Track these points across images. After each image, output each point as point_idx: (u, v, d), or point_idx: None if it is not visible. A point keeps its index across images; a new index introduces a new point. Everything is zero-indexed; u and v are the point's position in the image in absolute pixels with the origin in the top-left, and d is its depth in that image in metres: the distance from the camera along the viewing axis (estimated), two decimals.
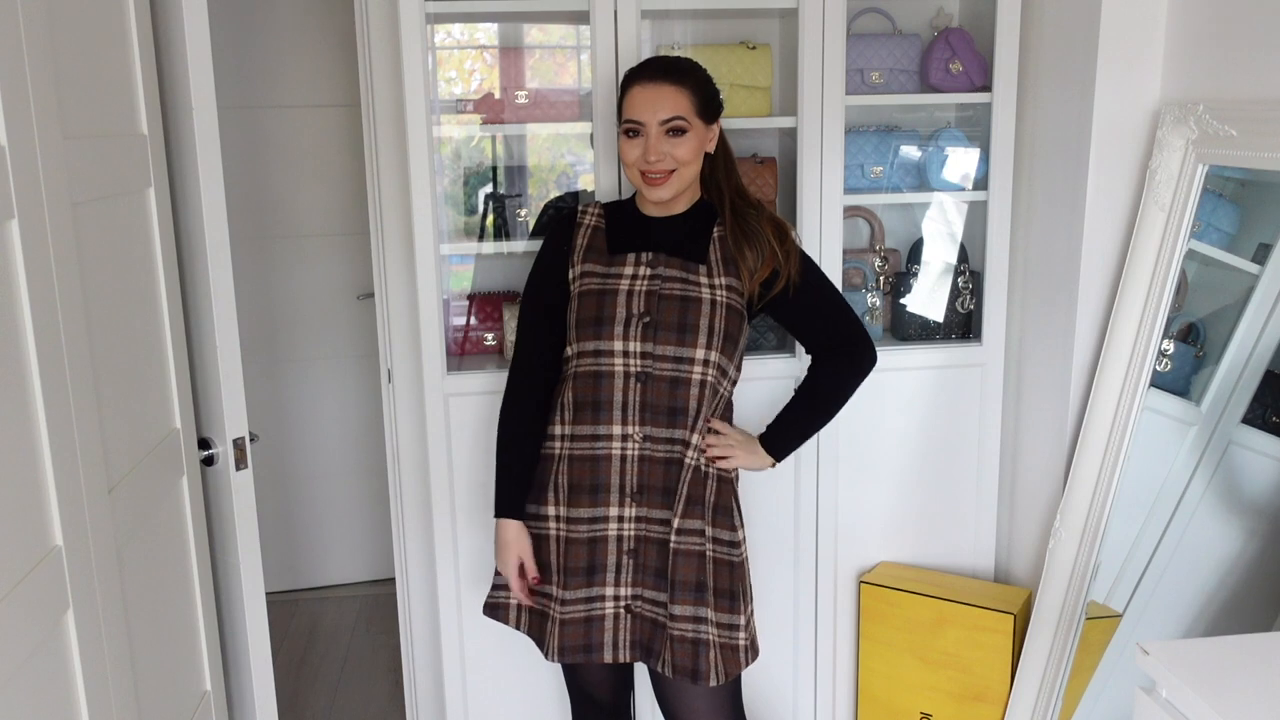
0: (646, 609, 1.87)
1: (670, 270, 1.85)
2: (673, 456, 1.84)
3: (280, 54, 3.42)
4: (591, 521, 1.85)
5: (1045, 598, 2.14)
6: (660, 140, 1.79)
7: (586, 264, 1.88)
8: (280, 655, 3.25)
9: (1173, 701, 1.20)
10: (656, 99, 1.79)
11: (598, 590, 1.86)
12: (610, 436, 1.84)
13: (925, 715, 2.36)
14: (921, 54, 2.35)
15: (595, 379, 1.83)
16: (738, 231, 1.86)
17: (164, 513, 1.69)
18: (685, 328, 1.81)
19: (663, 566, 1.84)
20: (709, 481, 1.85)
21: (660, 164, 1.80)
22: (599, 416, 1.83)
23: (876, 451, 2.42)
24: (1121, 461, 2.02)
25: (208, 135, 1.75)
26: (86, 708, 1.32)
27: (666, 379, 1.82)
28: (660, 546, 1.85)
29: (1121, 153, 2.07)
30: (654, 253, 1.86)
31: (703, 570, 1.84)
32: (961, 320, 2.44)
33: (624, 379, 1.82)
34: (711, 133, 1.87)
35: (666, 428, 1.83)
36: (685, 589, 1.83)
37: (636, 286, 1.84)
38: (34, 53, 1.26)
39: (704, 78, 1.86)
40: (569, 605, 1.86)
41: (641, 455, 1.84)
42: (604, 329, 1.83)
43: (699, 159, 1.85)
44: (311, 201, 3.55)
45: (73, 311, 1.34)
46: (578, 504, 1.85)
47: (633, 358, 1.82)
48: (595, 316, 1.83)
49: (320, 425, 3.68)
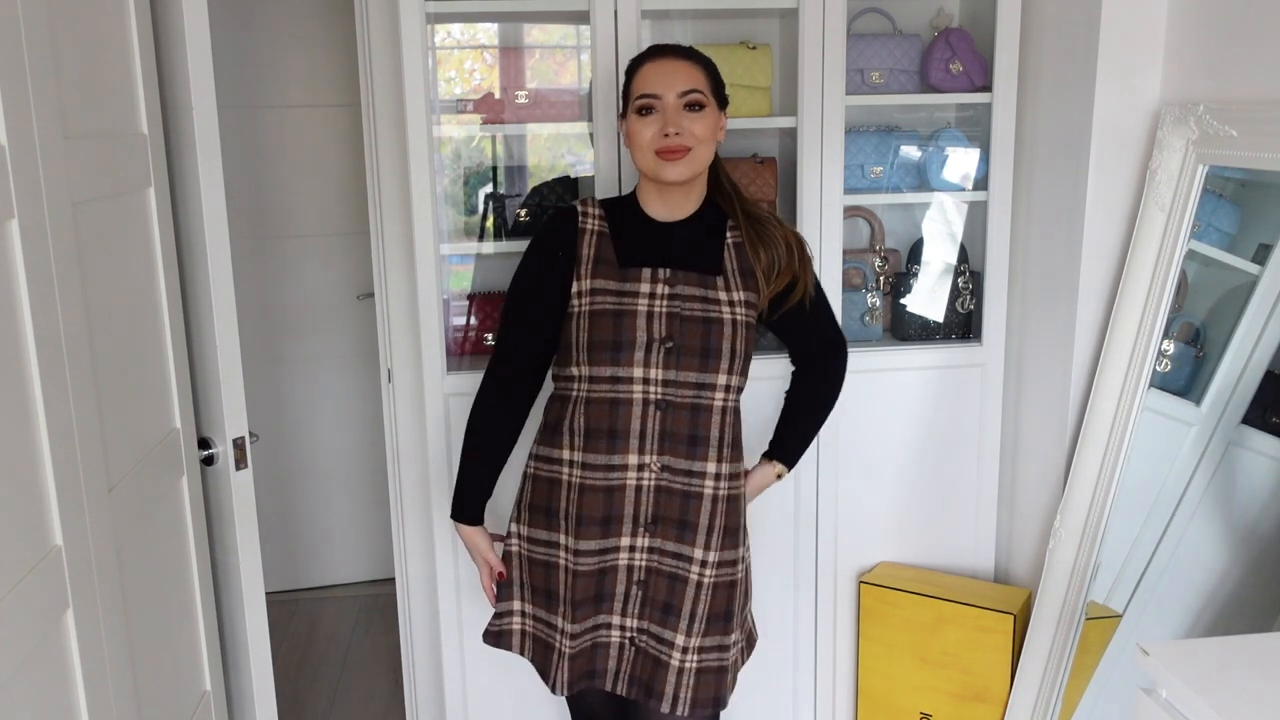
0: (651, 645, 1.79)
1: (689, 288, 1.75)
2: (690, 489, 1.75)
3: (280, 54, 3.42)
4: (602, 553, 1.77)
5: (1045, 598, 2.14)
6: (678, 114, 1.70)
7: (597, 279, 1.76)
8: (280, 655, 3.25)
9: (1173, 702, 1.20)
10: (673, 72, 1.71)
11: (604, 618, 1.80)
12: (626, 467, 1.74)
13: (925, 715, 2.35)
14: (921, 54, 2.35)
15: (612, 406, 1.73)
16: (755, 239, 1.79)
17: (164, 513, 1.69)
18: (709, 352, 1.73)
19: (671, 601, 1.77)
20: (738, 504, 1.81)
21: (679, 138, 1.69)
22: (614, 445, 1.73)
23: (876, 452, 2.42)
24: (1121, 462, 2.02)
25: (208, 135, 1.75)
26: (86, 708, 1.32)
27: (687, 406, 1.73)
28: (670, 580, 1.77)
29: (1121, 153, 2.07)
30: (671, 269, 1.76)
31: (731, 599, 1.79)
32: (961, 320, 2.44)
33: (643, 407, 1.73)
34: (722, 120, 1.79)
35: (686, 458, 1.74)
36: (718, 619, 1.78)
37: (656, 308, 1.73)
38: (34, 53, 1.26)
39: (711, 62, 1.79)
40: (576, 639, 1.79)
41: (658, 486, 1.75)
42: (622, 354, 1.71)
43: (714, 143, 1.76)
44: (311, 201, 3.55)
45: (73, 311, 1.34)
46: (587, 536, 1.75)
47: (654, 385, 1.72)
48: (613, 341, 1.72)
49: (320, 425, 3.68)
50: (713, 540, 1.76)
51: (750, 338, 1.78)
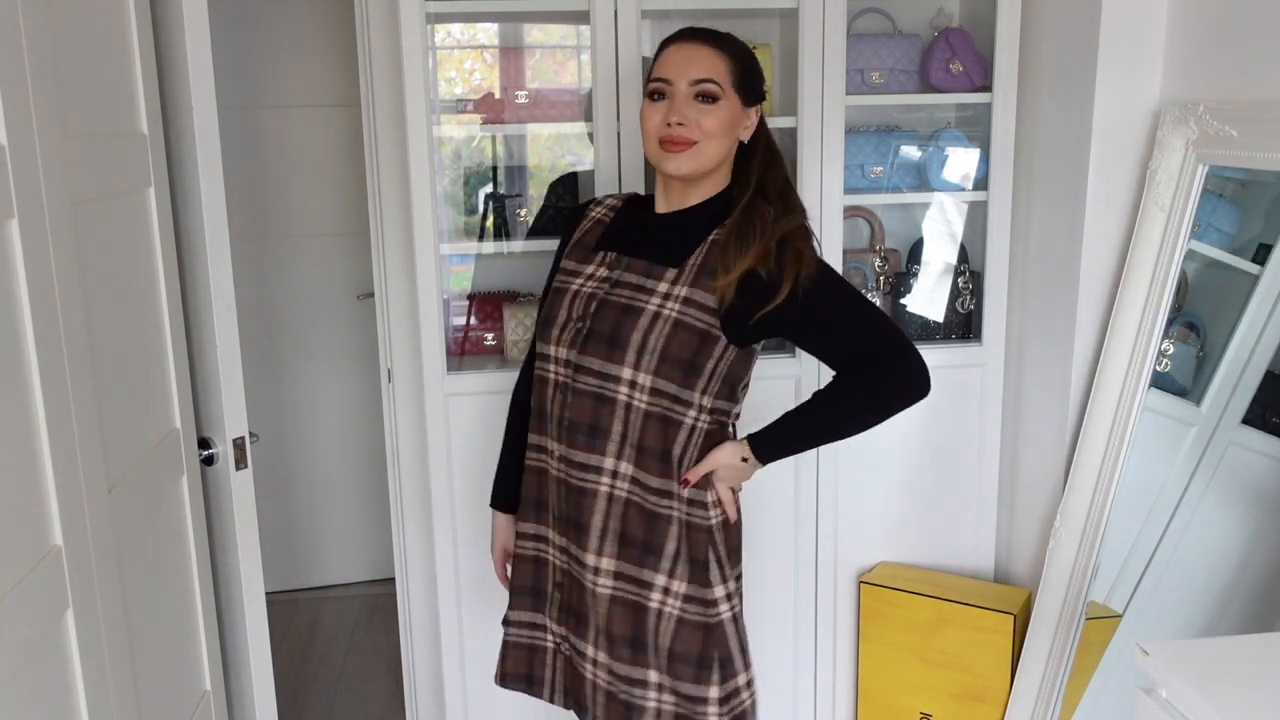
0: (574, 654, 1.71)
1: (629, 275, 1.62)
2: (585, 485, 1.62)
3: (280, 54, 3.42)
4: (538, 540, 1.74)
5: (1045, 598, 2.14)
6: (687, 104, 1.56)
7: (568, 260, 1.72)
8: (280, 655, 3.25)
9: (1173, 702, 1.20)
10: (691, 57, 1.58)
11: (540, 618, 1.75)
12: (545, 450, 1.69)
13: (925, 715, 2.35)
14: (921, 54, 2.35)
15: (541, 385, 1.68)
16: (733, 228, 1.58)
17: (164, 513, 1.69)
18: (616, 341, 1.58)
19: (581, 609, 1.67)
20: (672, 527, 1.60)
21: (683, 130, 1.56)
22: (542, 427, 1.69)
23: (876, 451, 2.41)
24: (1121, 461, 2.02)
25: (208, 135, 1.75)
26: (86, 708, 1.32)
27: (590, 394, 1.60)
28: (578, 586, 1.67)
29: (1121, 153, 2.07)
30: (619, 254, 1.65)
31: (641, 624, 1.62)
32: (961, 320, 2.44)
33: (553, 388, 1.65)
34: (749, 117, 1.63)
35: (584, 450, 1.61)
36: (618, 642, 1.63)
37: (584, 288, 1.65)
38: (34, 53, 1.26)
39: (747, 52, 1.64)
40: (513, 627, 1.77)
41: (558, 478, 1.66)
42: (547, 331, 1.66)
43: (726, 140, 1.60)
44: (311, 201, 3.54)
45: (73, 311, 1.34)
46: (525, 518, 1.74)
47: (561, 365, 1.64)
48: (546, 317, 1.68)
49: (320, 425, 3.68)
50: (605, 546, 1.62)
51: (683, 339, 1.56)
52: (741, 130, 1.63)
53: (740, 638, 1.68)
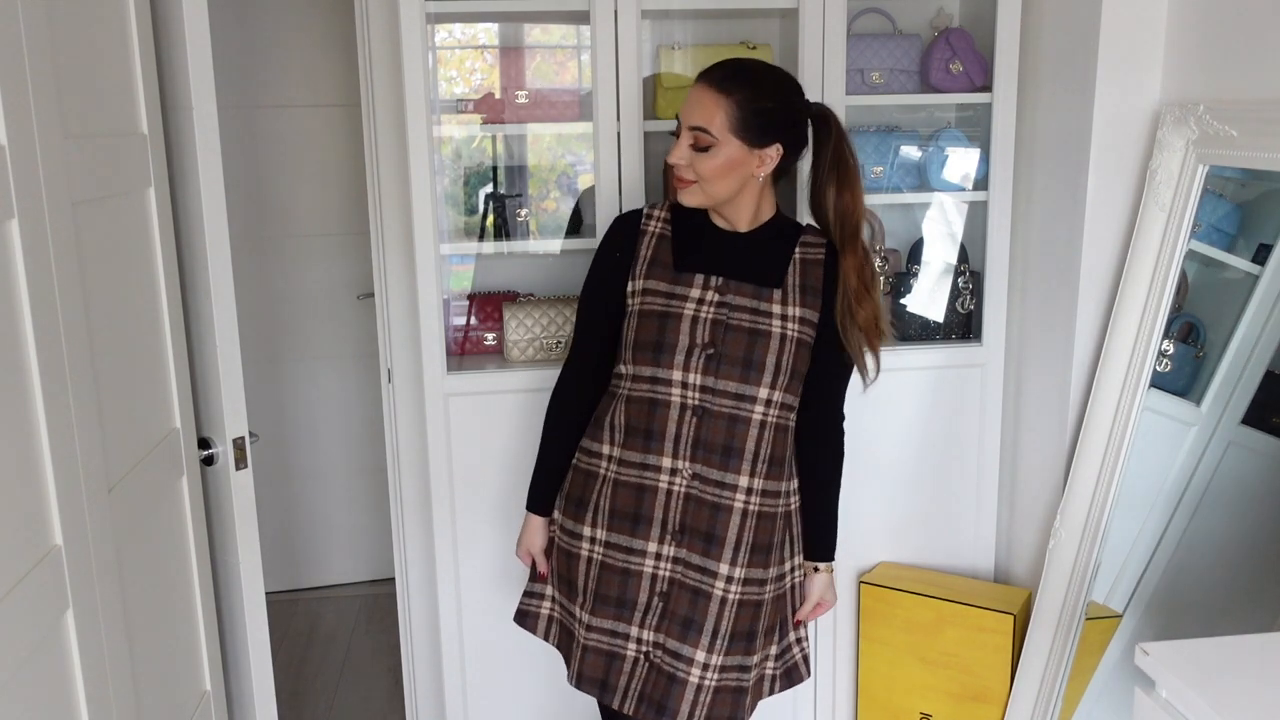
0: (666, 661, 1.77)
1: (740, 299, 1.74)
2: (720, 501, 1.75)
3: (280, 54, 3.42)
4: (629, 552, 1.78)
5: (1045, 598, 2.14)
6: (685, 146, 1.70)
7: (650, 279, 1.78)
8: (280, 655, 3.25)
9: (1173, 702, 1.20)
10: (696, 102, 1.68)
11: (624, 627, 1.79)
12: (659, 468, 1.75)
13: (925, 715, 2.35)
14: (922, 54, 2.35)
15: (650, 406, 1.75)
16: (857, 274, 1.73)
17: (164, 513, 1.69)
18: (751, 364, 1.72)
19: (693, 616, 1.76)
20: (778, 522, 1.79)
21: (681, 170, 1.71)
22: (649, 445, 1.75)
23: (876, 451, 2.41)
24: (1121, 462, 2.02)
25: (208, 135, 1.75)
26: (86, 708, 1.32)
27: (725, 415, 1.73)
28: (693, 594, 1.76)
29: (1121, 153, 2.07)
30: (724, 277, 1.75)
31: (757, 618, 1.78)
32: (961, 320, 2.44)
33: (679, 411, 1.74)
34: (760, 158, 1.70)
35: (719, 469, 1.74)
36: (737, 638, 1.77)
37: (703, 313, 1.73)
38: (34, 53, 1.26)
39: (764, 94, 1.69)
40: (594, 633, 1.81)
41: (688, 494, 1.75)
42: (663, 356, 1.73)
43: (728, 180, 1.70)
44: (311, 201, 3.54)
45: (73, 311, 1.34)
46: (619, 530, 1.78)
47: (691, 390, 1.73)
48: (655, 342, 1.74)
49: (320, 425, 3.68)
50: (739, 556, 1.75)
51: (803, 356, 1.75)
52: (755, 169, 1.72)
53: (792, 596, 1.87)
